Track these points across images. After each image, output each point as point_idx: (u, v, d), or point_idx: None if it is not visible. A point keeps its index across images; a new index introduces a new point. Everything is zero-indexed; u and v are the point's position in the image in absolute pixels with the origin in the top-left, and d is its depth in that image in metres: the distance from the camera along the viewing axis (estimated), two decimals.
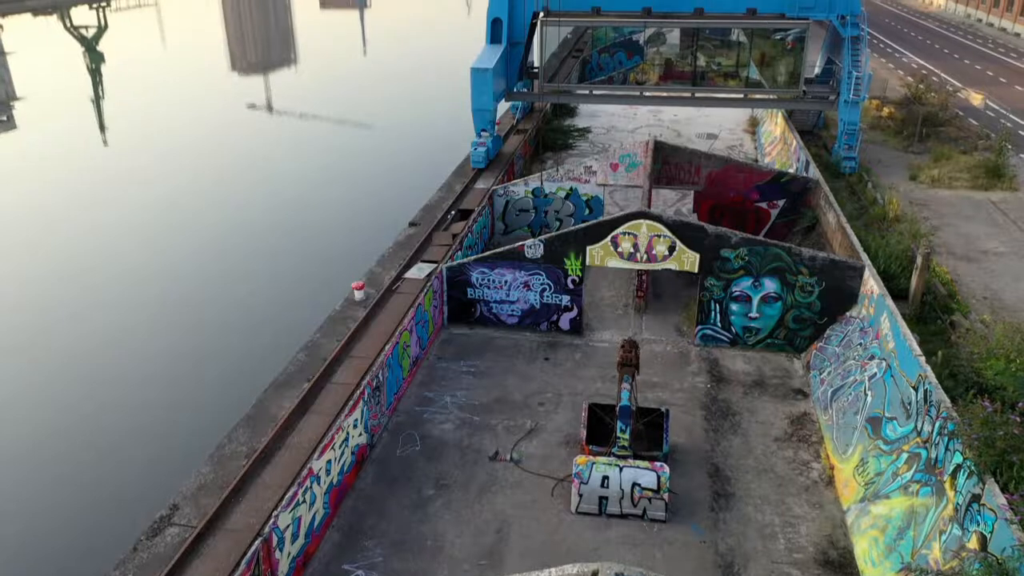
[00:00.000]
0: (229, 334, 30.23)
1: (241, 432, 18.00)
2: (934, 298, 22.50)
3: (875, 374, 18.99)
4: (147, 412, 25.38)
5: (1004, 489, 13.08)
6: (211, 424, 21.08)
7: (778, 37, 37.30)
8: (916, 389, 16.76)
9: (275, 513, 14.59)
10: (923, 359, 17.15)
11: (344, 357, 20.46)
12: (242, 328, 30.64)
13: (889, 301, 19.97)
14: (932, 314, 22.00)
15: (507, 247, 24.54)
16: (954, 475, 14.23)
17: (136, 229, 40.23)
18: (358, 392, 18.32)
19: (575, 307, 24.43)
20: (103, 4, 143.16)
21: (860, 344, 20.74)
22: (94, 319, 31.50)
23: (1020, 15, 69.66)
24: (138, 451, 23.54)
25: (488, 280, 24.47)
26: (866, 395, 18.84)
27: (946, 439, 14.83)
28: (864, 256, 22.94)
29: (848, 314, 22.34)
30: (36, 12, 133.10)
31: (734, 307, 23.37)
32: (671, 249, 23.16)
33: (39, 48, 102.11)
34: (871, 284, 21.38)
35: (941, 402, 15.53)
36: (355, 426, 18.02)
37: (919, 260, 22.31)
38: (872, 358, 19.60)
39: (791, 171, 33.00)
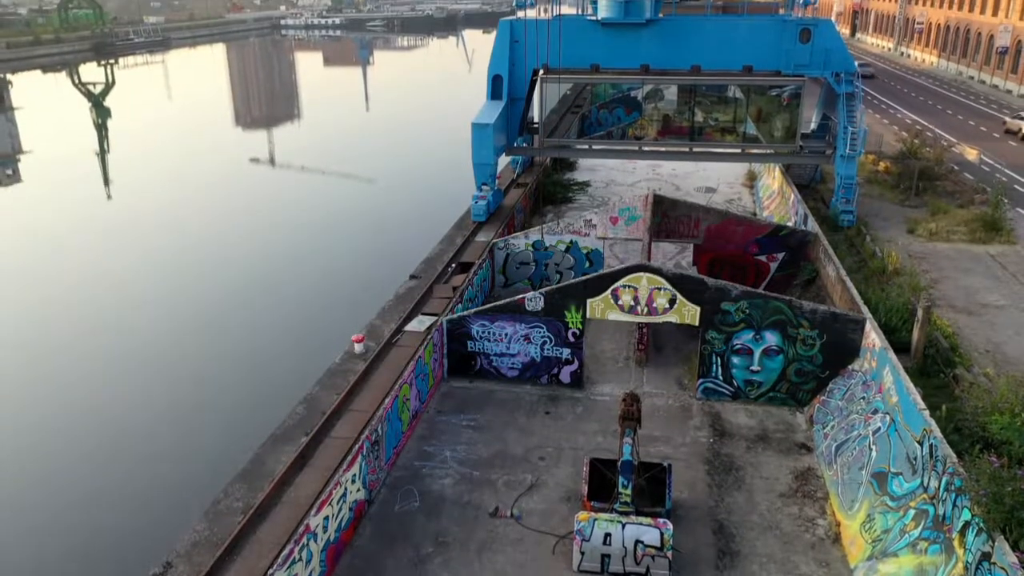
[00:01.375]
0: (228, 386, 30.04)
1: (237, 487, 17.73)
2: (936, 351, 22.41)
3: (879, 428, 18.80)
4: (142, 465, 25.07)
5: (1015, 547, 12.83)
6: (207, 478, 20.82)
7: (774, 94, 37.92)
8: (921, 444, 16.57)
9: (270, 572, 14.28)
10: (927, 413, 17.00)
11: (343, 411, 20.28)
12: (241, 380, 30.46)
13: (891, 354, 19.88)
14: (935, 367, 21.89)
15: (508, 300, 24.53)
16: (963, 532, 13.97)
17: (135, 281, 40.31)
18: (357, 446, 18.10)
19: (576, 360, 24.31)
20: (111, 61, 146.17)
21: (863, 398, 20.58)
22: (92, 368, 31.34)
23: (1011, 72, 70.97)
24: (132, 506, 23.17)
25: (488, 333, 24.41)
26: (871, 450, 18.61)
27: (953, 495, 14.61)
28: (865, 309, 22.93)
29: (850, 367, 22.22)
30: (45, 69, 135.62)
31: (736, 360, 23.26)
32: (672, 302, 23.15)
33: (47, 103, 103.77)
34: (872, 337, 21.32)
35: (947, 457, 15.34)
36: (353, 481, 17.76)
37: (920, 313, 22.29)
38: (876, 412, 19.43)
39: (790, 224, 33.22)
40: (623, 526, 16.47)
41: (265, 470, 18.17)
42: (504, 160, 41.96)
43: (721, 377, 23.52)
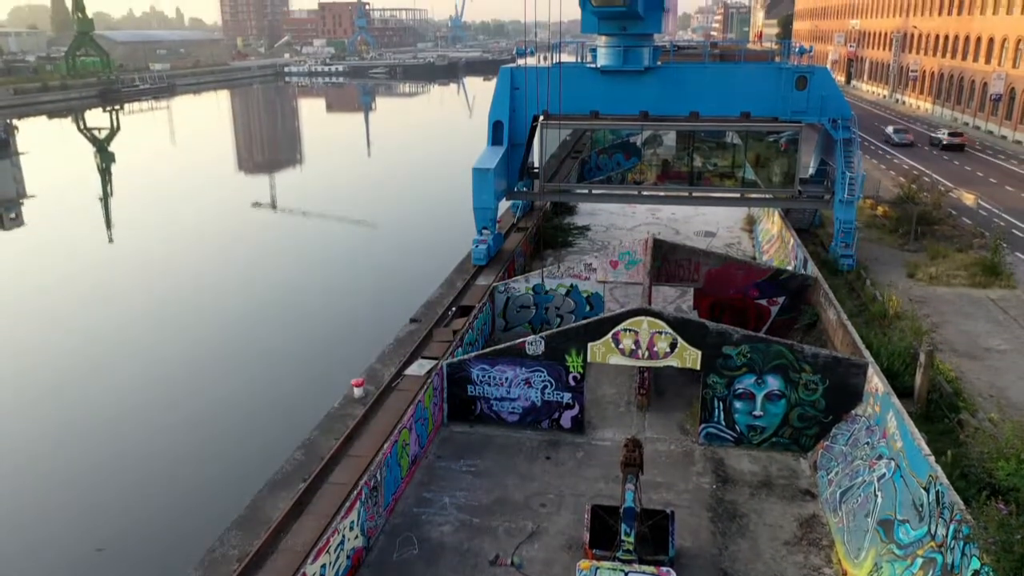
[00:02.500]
0: (226, 431, 29.78)
1: (233, 534, 17.45)
2: (940, 396, 22.24)
3: (884, 475, 18.57)
4: (136, 513, 24.72)
5: None
6: (202, 526, 20.50)
7: (772, 139, 38.33)
8: (927, 490, 16.35)
9: None
10: (933, 459, 16.80)
11: (342, 456, 20.07)
12: (240, 425, 30.21)
13: (894, 399, 19.74)
14: (938, 412, 21.69)
15: (508, 344, 24.44)
16: None
17: (134, 324, 40.25)
18: (355, 493, 17.86)
19: (576, 405, 24.13)
20: (117, 107, 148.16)
21: (867, 443, 20.38)
22: (89, 410, 31.10)
23: (1005, 119, 71.83)
24: (127, 554, 22.78)
25: (489, 377, 24.27)
26: (876, 496, 18.36)
27: (962, 543, 14.36)
28: (867, 353, 22.83)
29: (853, 412, 22.04)
30: (51, 115, 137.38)
31: (738, 405, 23.08)
32: (672, 346, 23.06)
33: (52, 148, 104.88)
34: (875, 382, 21.19)
35: (955, 504, 15.11)
36: (351, 528, 17.49)
37: (922, 357, 22.18)
38: (880, 458, 19.21)
39: (790, 268, 33.28)
40: (626, 575, 16.17)
41: (262, 517, 17.90)
42: (504, 204, 42.24)
43: (723, 422, 23.32)
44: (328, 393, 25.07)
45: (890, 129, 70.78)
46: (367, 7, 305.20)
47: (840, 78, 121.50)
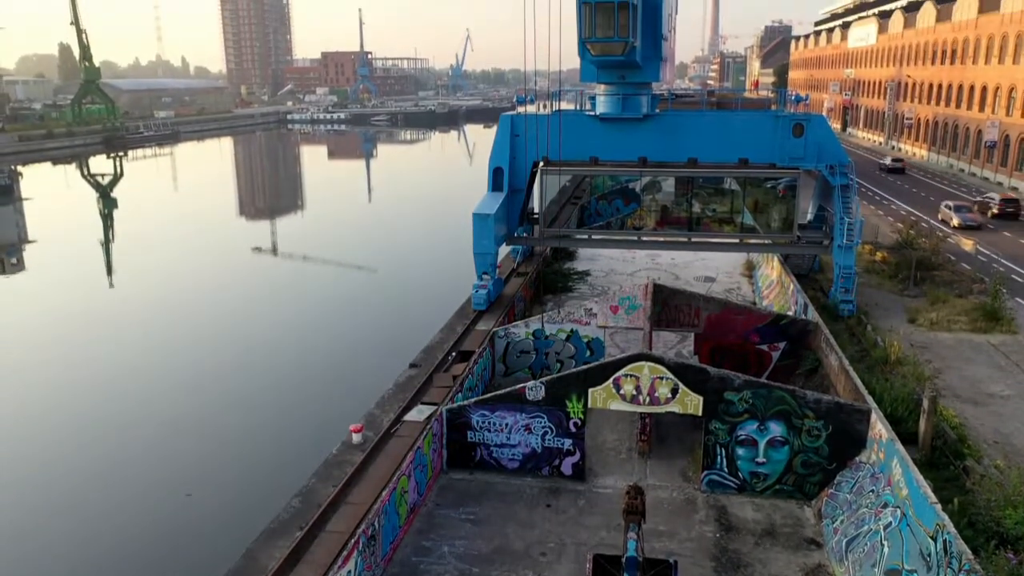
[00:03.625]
0: (223, 477, 29.43)
1: None
2: (944, 443, 22.03)
3: (890, 523, 18.28)
4: (131, 561, 24.28)
5: None
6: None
7: (769, 185, 38.61)
8: (935, 539, 16.06)
9: None
10: (939, 507, 16.55)
11: (339, 503, 19.76)
12: (237, 471, 29.86)
13: (899, 446, 19.53)
14: (943, 459, 21.47)
15: (508, 389, 24.28)
16: None
17: (132, 369, 40.06)
18: (352, 541, 17.55)
19: (577, 451, 23.87)
20: (121, 154, 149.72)
21: (872, 491, 20.10)
22: (86, 455, 30.76)
23: (1000, 165, 72.53)
24: None
25: (489, 423, 24.05)
26: (883, 545, 18.04)
27: None
28: (869, 399, 22.66)
29: (857, 459, 21.79)
30: (56, 161, 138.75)
31: (740, 451, 22.83)
32: (674, 392, 22.91)
33: (55, 194, 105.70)
34: (879, 428, 20.98)
35: (963, 554, 14.84)
36: None
37: (926, 403, 22.02)
38: (886, 506, 18.93)
39: (790, 314, 33.24)
40: None
41: (257, 566, 17.55)
42: (504, 250, 42.39)
43: (726, 469, 23.04)
44: (327, 439, 24.83)
45: (948, 205, 55.76)
46: (369, 56, 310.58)
47: (836, 126, 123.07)
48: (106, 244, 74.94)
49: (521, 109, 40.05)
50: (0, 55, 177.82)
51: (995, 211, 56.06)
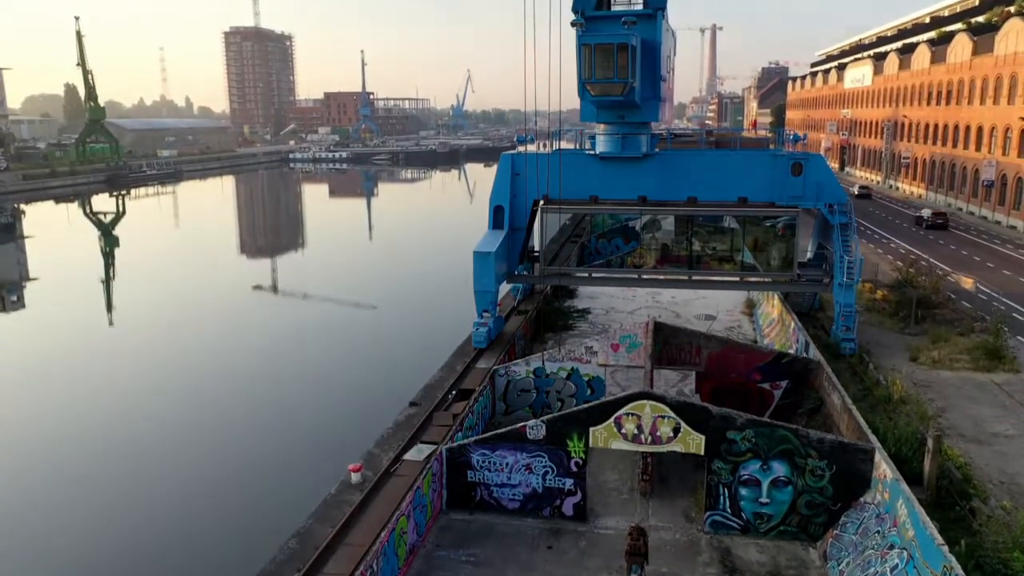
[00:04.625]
0: (220, 517, 29.06)
1: None
2: (949, 483, 21.79)
3: (897, 565, 17.99)
4: None
5: None
6: None
7: (769, 224, 38.74)
8: None
9: None
10: (947, 549, 16.31)
11: (337, 545, 19.47)
12: (233, 511, 29.50)
13: (904, 486, 19.30)
14: (949, 500, 21.22)
15: (508, 428, 24.08)
16: None
17: (129, 407, 39.80)
18: None
19: (579, 491, 23.59)
20: (123, 192, 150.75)
21: (878, 532, 19.82)
22: (83, 492, 30.40)
23: (999, 204, 72.93)
24: None
25: (489, 462, 23.81)
26: None
27: None
28: (873, 438, 22.46)
29: (862, 499, 21.52)
30: (59, 199, 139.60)
31: (743, 492, 22.56)
32: (676, 431, 22.71)
33: (57, 232, 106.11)
34: (883, 468, 20.76)
35: None
36: None
37: (930, 443, 21.83)
38: (892, 547, 18.65)
39: (791, 352, 33.12)
40: None
41: None
42: (505, 288, 42.40)
43: (729, 509, 22.75)
44: (325, 478, 24.56)
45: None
46: (371, 97, 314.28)
47: (834, 165, 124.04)
48: (107, 282, 75.01)
49: (522, 148, 40.38)
50: (7, 95, 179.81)
51: (928, 222, 69.96)
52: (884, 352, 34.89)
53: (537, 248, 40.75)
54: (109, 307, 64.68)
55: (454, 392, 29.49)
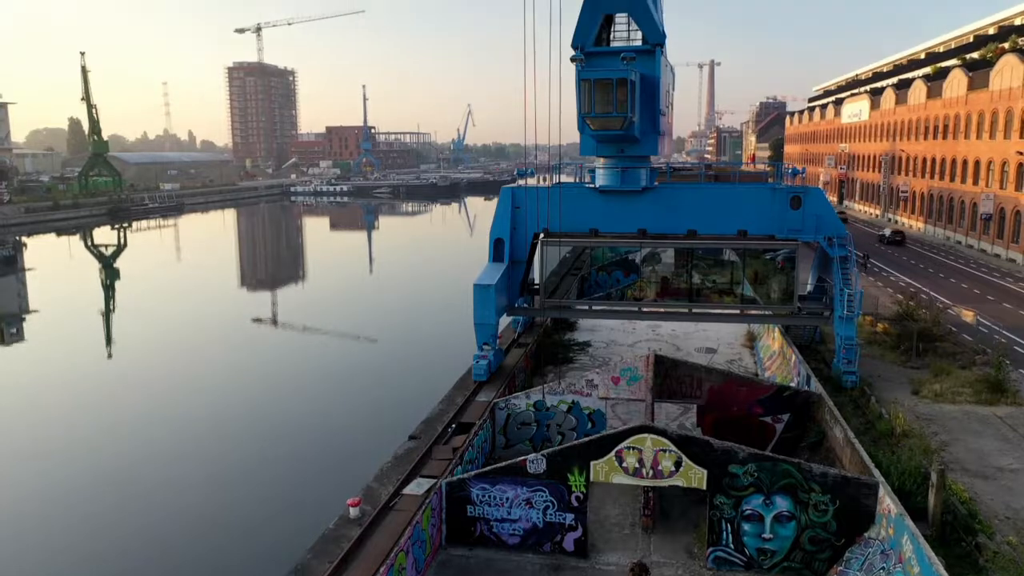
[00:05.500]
0: (215, 552, 28.69)
1: None
2: (954, 518, 21.56)
3: None
4: None
5: None
6: None
7: (769, 257, 38.85)
8: None
9: None
10: None
11: None
12: (229, 547, 29.13)
13: (908, 521, 19.09)
14: (954, 535, 20.98)
15: (509, 462, 23.88)
16: None
17: (126, 440, 39.52)
18: None
19: (579, 526, 23.33)
20: (125, 225, 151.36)
21: (883, 568, 19.57)
22: (79, 525, 30.03)
23: (997, 237, 73.17)
24: None
25: (489, 497, 23.59)
26: None
27: None
28: (876, 473, 22.27)
29: (866, 535, 21.27)
30: (60, 232, 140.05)
31: (746, 527, 22.31)
32: (677, 464, 22.53)
33: (58, 264, 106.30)
34: (887, 503, 20.55)
35: None
36: None
37: (934, 477, 21.64)
38: None
39: (793, 385, 33.00)
40: None
41: None
42: (505, 320, 42.36)
43: (732, 545, 22.48)
44: (323, 512, 24.32)
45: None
46: (373, 131, 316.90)
47: (833, 198, 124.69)
48: (106, 314, 74.95)
49: (522, 182, 40.62)
50: (11, 129, 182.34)
51: (888, 239, 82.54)
52: (886, 385, 34.75)
53: (537, 281, 40.81)
54: (108, 340, 64.54)
55: (454, 425, 29.31)
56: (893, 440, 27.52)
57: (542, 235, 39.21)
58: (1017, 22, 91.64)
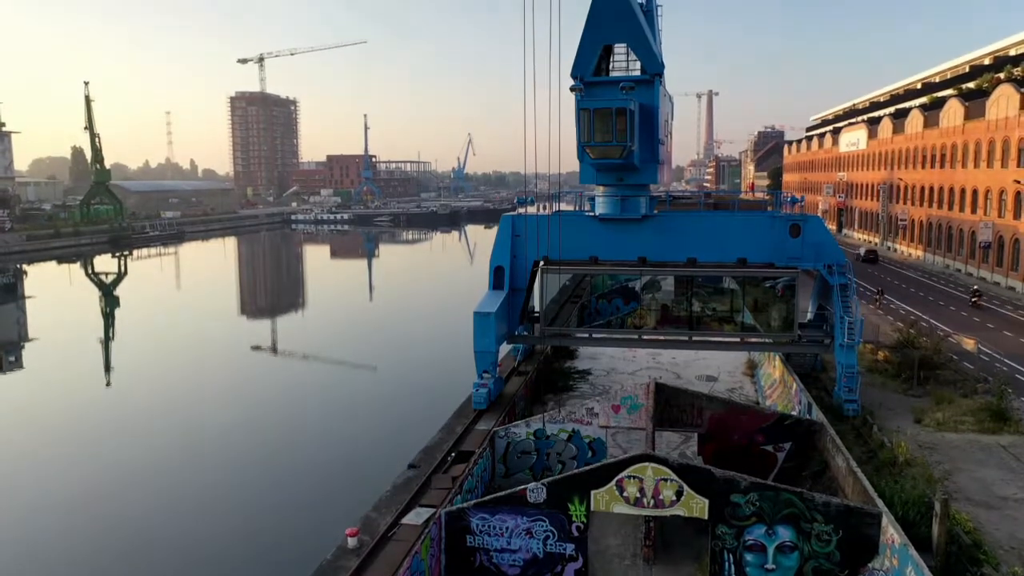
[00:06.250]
0: None
1: None
2: (959, 548, 21.32)
3: None
4: None
5: None
6: None
7: (768, 285, 38.87)
8: None
9: None
10: None
11: None
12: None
13: (913, 552, 18.88)
14: (959, 566, 20.73)
15: (508, 491, 23.70)
16: None
17: (124, 469, 39.22)
18: None
19: (580, 557, 23.08)
20: (125, 253, 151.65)
21: None
22: (77, 557, 29.73)
23: (997, 265, 73.26)
24: None
25: (489, 527, 23.36)
26: None
27: None
28: (880, 502, 22.07)
29: (871, 566, 21.03)
30: (61, 260, 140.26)
31: (749, 557, 22.07)
32: (679, 494, 22.34)
33: (58, 292, 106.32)
34: (891, 533, 20.34)
35: None
36: None
37: (938, 507, 21.44)
38: None
39: (794, 413, 32.83)
40: None
41: None
42: (505, 348, 42.29)
43: None
44: (321, 542, 24.07)
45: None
46: (374, 159, 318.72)
47: (832, 227, 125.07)
48: (106, 342, 74.79)
49: (522, 210, 40.78)
50: (15, 158, 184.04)
51: (863, 257, 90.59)
52: (887, 414, 34.58)
53: (537, 308, 40.80)
54: (107, 368, 64.34)
55: (453, 454, 29.13)
56: (896, 469, 27.31)
57: (542, 263, 39.27)
58: (1012, 52, 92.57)
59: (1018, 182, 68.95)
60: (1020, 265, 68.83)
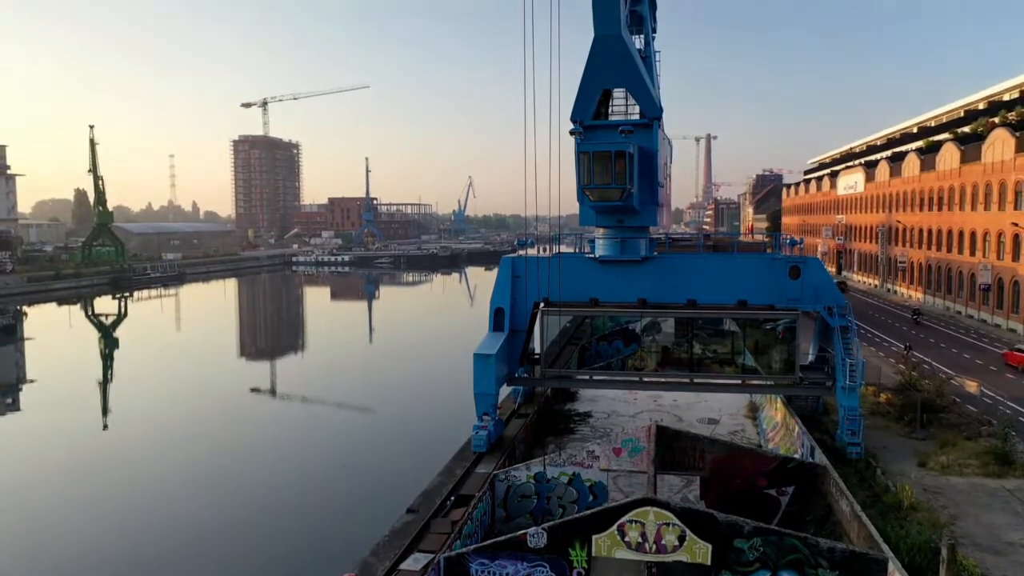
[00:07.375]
0: None
1: None
2: None
3: None
4: None
5: None
6: None
7: (769, 327, 38.81)
8: None
9: None
10: None
11: None
12: None
13: None
14: None
15: (509, 536, 23.35)
16: None
17: (121, 513, 38.75)
18: None
19: None
20: (126, 294, 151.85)
21: None
22: None
23: (997, 307, 73.25)
24: None
25: (488, 572, 22.96)
26: None
27: None
28: (885, 548, 21.75)
29: None
30: (62, 301, 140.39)
31: None
32: (681, 539, 22.02)
33: (58, 334, 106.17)
34: None
35: None
36: None
37: (944, 552, 21.09)
38: None
39: (797, 457, 32.50)
40: None
41: None
42: (505, 390, 42.07)
43: None
44: None
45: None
46: (375, 202, 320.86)
47: (832, 269, 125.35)
48: (104, 384, 74.48)
49: (522, 252, 40.92)
50: (18, 200, 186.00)
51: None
52: (891, 457, 34.28)
53: (538, 350, 40.68)
54: (105, 410, 63.93)
55: (453, 498, 28.80)
56: (901, 514, 26.98)
57: (542, 304, 39.29)
58: (1006, 98, 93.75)
59: (1016, 224, 69.32)
60: (1020, 307, 68.82)
